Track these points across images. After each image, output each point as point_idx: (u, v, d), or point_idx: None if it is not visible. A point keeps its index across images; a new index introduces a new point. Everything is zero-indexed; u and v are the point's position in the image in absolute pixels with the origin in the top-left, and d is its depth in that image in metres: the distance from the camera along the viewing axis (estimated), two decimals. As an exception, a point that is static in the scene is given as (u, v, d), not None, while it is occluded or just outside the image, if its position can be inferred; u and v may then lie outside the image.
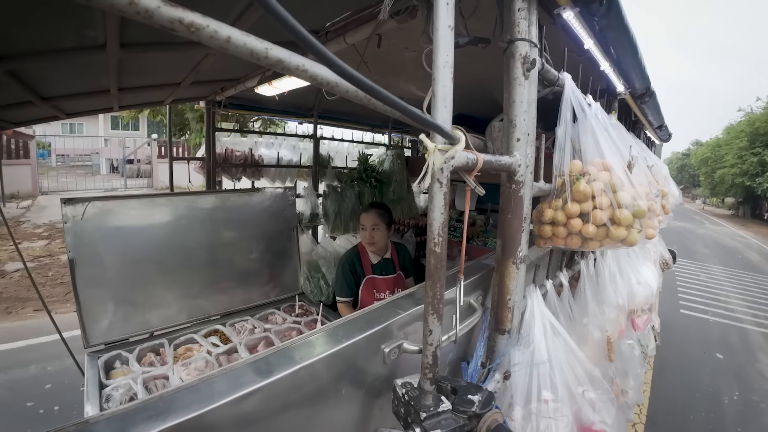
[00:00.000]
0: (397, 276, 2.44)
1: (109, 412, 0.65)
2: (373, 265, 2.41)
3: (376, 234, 2.36)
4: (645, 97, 2.11)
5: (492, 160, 0.94)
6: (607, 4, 1.14)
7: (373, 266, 2.41)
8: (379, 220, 2.36)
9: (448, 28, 0.71)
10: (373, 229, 2.36)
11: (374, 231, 2.36)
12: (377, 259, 2.43)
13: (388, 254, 2.45)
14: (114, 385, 1.61)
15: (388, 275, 2.41)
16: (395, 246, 2.52)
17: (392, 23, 1.35)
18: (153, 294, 2.10)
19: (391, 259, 2.46)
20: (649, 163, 1.72)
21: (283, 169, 3.89)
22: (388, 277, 2.41)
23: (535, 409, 1.08)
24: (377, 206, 2.44)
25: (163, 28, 0.36)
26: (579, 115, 1.22)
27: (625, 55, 1.56)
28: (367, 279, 2.38)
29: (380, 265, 2.42)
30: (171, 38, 1.65)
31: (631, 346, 2.08)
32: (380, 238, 2.38)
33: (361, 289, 2.37)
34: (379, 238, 2.37)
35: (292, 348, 0.86)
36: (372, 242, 2.38)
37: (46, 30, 1.39)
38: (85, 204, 1.86)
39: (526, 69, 1.02)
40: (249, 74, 2.53)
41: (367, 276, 2.38)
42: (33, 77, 1.81)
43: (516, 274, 1.11)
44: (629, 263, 1.93)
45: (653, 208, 1.28)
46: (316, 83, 0.48)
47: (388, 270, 2.43)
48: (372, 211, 2.38)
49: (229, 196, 2.44)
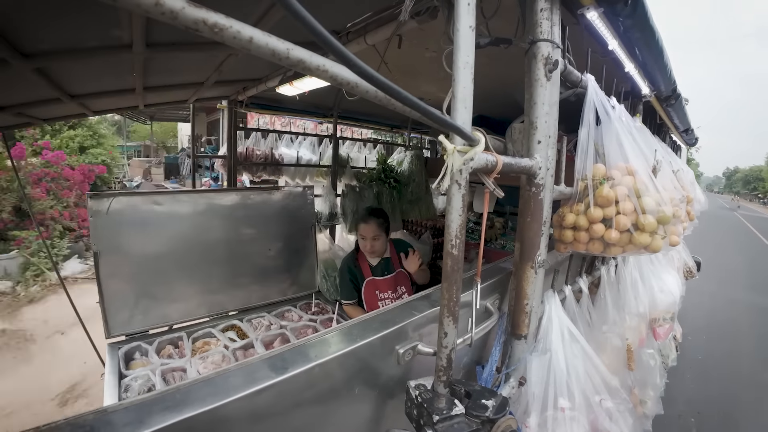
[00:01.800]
0: (398, 274, 2.43)
1: (128, 401, 0.67)
2: (372, 267, 2.41)
3: (377, 243, 2.35)
4: (671, 100, 2.05)
5: (512, 162, 0.93)
6: (632, 4, 1.11)
7: (372, 268, 2.41)
8: (380, 230, 2.34)
9: (469, 29, 0.70)
10: (374, 239, 2.35)
11: (375, 241, 2.35)
12: (376, 261, 2.43)
13: (387, 254, 2.44)
14: (133, 375, 1.65)
15: (389, 275, 2.40)
16: (393, 243, 2.51)
17: (413, 24, 1.34)
18: (173, 288, 2.14)
19: (390, 258, 2.45)
20: (675, 167, 1.67)
21: (303, 168, 3.93)
22: (389, 276, 2.40)
23: (551, 416, 1.06)
24: (376, 215, 2.39)
25: (188, 28, 0.36)
26: (602, 117, 1.20)
27: (650, 56, 1.53)
28: (367, 281, 2.38)
29: (380, 266, 2.42)
30: (195, 38, 1.68)
31: (652, 356, 2.02)
32: (380, 245, 2.37)
33: (363, 292, 2.38)
34: (379, 246, 2.36)
35: (308, 345, 0.87)
36: (373, 251, 2.38)
37: (73, 30, 1.44)
38: (110, 199, 1.91)
39: (549, 70, 1.00)
40: (270, 74, 2.56)
41: (366, 279, 2.38)
42: (61, 75, 1.87)
43: (534, 278, 1.09)
44: (652, 270, 1.87)
45: (678, 215, 1.24)
46: (336, 83, 0.49)
47: (389, 269, 2.42)
48: (372, 221, 2.35)
49: (249, 194, 2.48)
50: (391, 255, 2.47)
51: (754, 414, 3.44)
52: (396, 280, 2.42)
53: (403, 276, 2.45)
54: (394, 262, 2.46)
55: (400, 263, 2.46)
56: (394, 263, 2.46)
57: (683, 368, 3.76)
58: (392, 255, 2.47)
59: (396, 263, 2.46)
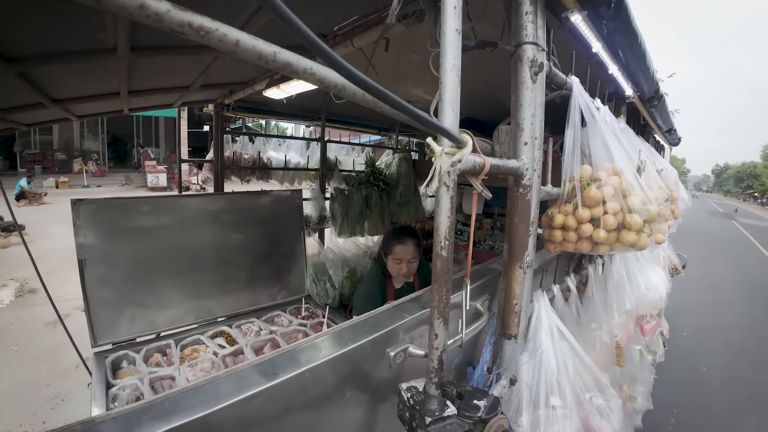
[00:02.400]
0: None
1: (116, 411, 0.66)
2: (397, 290, 2.25)
3: (413, 266, 2.15)
4: (654, 101, 2.09)
5: (499, 164, 0.93)
6: (615, 7, 1.13)
7: (396, 291, 2.24)
8: (417, 251, 2.13)
9: (456, 32, 0.71)
10: (410, 262, 2.13)
11: (411, 264, 2.13)
12: (400, 285, 2.26)
13: (411, 278, 2.27)
14: (121, 384, 1.62)
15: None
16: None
17: (400, 27, 1.35)
18: (160, 295, 2.11)
19: (413, 282, 2.29)
20: (659, 167, 1.70)
21: (291, 171, 3.91)
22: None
23: (543, 415, 1.06)
24: (412, 234, 2.16)
25: (173, 31, 0.36)
26: (588, 119, 1.21)
27: (633, 58, 1.55)
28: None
29: (402, 290, 2.23)
30: (180, 42, 1.66)
31: (640, 352, 2.05)
32: (415, 268, 2.18)
33: None
34: (413, 269, 2.17)
35: (298, 350, 0.86)
36: (408, 274, 2.17)
37: (57, 33, 1.41)
38: (95, 205, 1.88)
39: (534, 72, 1.01)
40: (257, 78, 2.55)
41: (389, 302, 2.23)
42: (44, 80, 1.83)
43: (523, 278, 1.10)
44: (638, 268, 1.90)
45: (663, 213, 1.27)
46: (324, 86, 0.48)
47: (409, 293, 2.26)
48: (410, 243, 2.11)
49: (237, 198, 2.45)
50: (414, 279, 2.28)
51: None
52: None
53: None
54: (416, 285, 2.28)
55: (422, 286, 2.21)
56: (416, 286, 2.27)
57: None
58: (414, 279, 2.28)
59: (416, 286, 2.27)
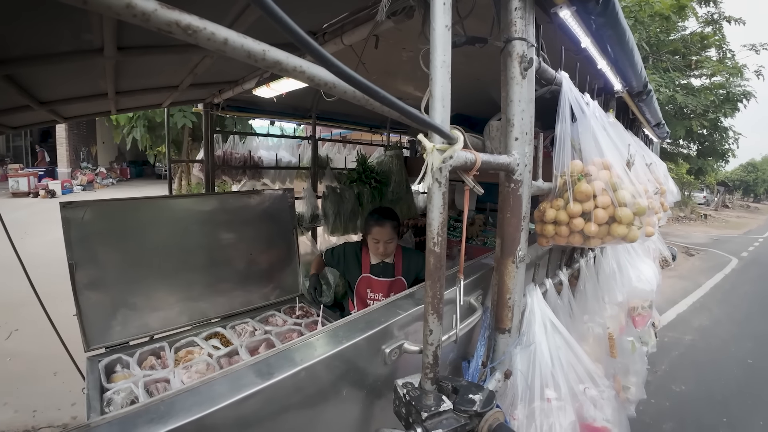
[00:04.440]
0: (396, 281, 2.36)
1: (111, 415, 0.65)
2: (372, 265, 2.36)
3: (390, 246, 2.27)
4: (642, 95, 2.11)
5: (490, 160, 0.94)
6: (603, 3, 1.14)
7: (372, 266, 2.36)
8: (394, 233, 2.25)
9: (445, 28, 0.71)
10: (387, 243, 2.26)
11: (388, 244, 2.26)
12: (377, 261, 2.37)
13: (390, 259, 2.37)
14: (115, 388, 1.61)
15: (385, 278, 2.35)
16: (403, 251, 2.43)
17: (389, 24, 1.35)
18: (153, 297, 2.09)
19: (393, 264, 2.37)
20: (648, 161, 1.72)
21: (283, 170, 3.89)
22: (385, 279, 2.34)
23: (539, 407, 1.08)
24: (391, 217, 2.29)
25: (161, 30, 0.36)
26: (578, 114, 1.22)
27: (621, 53, 1.57)
28: (363, 276, 2.35)
29: (379, 266, 2.36)
30: (168, 41, 1.65)
31: (632, 343, 2.08)
32: (392, 249, 2.30)
33: (357, 285, 2.36)
34: (391, 249, 2.29)
35: (293, 350, 0.86)
36: (385, 254, 2.30)
37: (42, 34, 1.39)
38: (84, 208, 1.86)
39: (524, 68, 1.02)
40: (247, 76, 2.53)
41: (363, 274, 2.35)
42: (30, 82, 1.81)
43: (516, 272, 1.11)
44: (629, 261, 1.93)
45: (653, 206, 1.29)
46: (314, 84, 0.48)
47: (387, 273, 2.36)
48: (387, 224, 2.24)
49: (228, 198, 2.44)
50: (395, 260, 2.38)
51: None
52: (391, 286, 2.35)
53: (401, 285, 2.36)
54: (397, 268, 2.37)
55: (404, 272, 2.38)
56: (396, 269, 2.37)
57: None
58: (396, 261, 2.38)
59: (398, 270, 2.37)
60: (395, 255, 2.39)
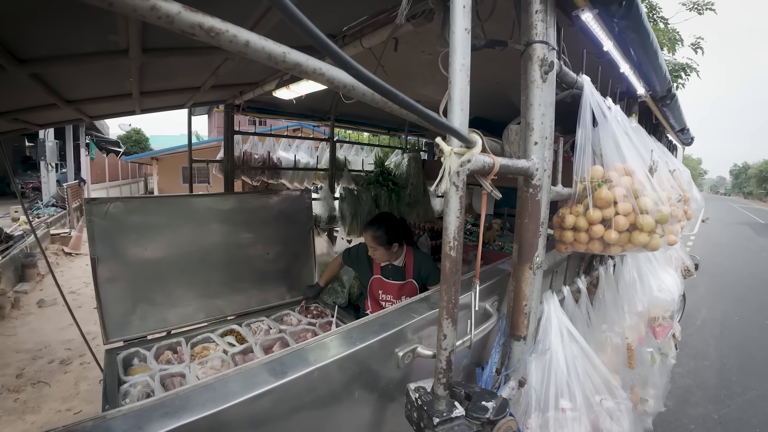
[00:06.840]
0: (407, 283, 2.38)
1: (126, 408, 0.67)
2: (382, 267, 2.40)
3: (376, 253, 2.31)
4: (666, 100, 2.06)
5: (509, 164, 0.93)
6: (626, 5, 1.12)
7: (382, 268, 2.40)
8: (375, 243, 2.27)
9: (465, 31, 0.70)
10: (373, 249, 2.31)
11: (375, 251, 2.31)
12: (384, 263, 2.40)
13: (399, 262, 2.38)
14: (132, 381, 1.64)
15: (396, 281, 2.37)
16: (414, 254, 2.43)
17: (409, 27, 1.35)
18: (171, 293, 2.14)
19: (404, 267, 2.39)
20: (671, 167, 1.68)
21: (301, 171, 3.93)
22: (395, 282, 2.37)
23: (553, 417, 1.06)
24: (373, 225, 2.31)
25: (184, 33, 0.36)
26: (599, 118, 1.20)
27: (645, 57, 1.53)
28: (374, 278, 2.40)
29: (389, 269, 2.39)
30: (191, 43, 1.68)
31: (651, 355, 2.02)
32: (380, 255, 2.32)
33: (370, 286, 2.42)
34: (378, 255, 2.32)
35: (307, 349, 0.87)
36: (379, 259, 2.36)
37: (69, 35, 1.44)
38: (107, 204, 1.91)
39: (544, 72, 1.01)
40: (267, 78, 2.56)
41: (374, 275, 2.40)
42: (57, 81, 1.87)
43: (533, 279, 1.09)
44: (650, 270, 1.88)
45: (675, 214, 1.25)
46: (333, 86, 0.49)
47: (397, 276, 2.38)
48: (368, 232, 2.29)
49: (247, 198, 2.48)
50: (406, 263, 2.39)
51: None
52: (402, 288, 2.37)
53: (412, 287, 2.38)
54: (408, 271, 2.38)
55: (416, 275, 2.38)
56: (407, 272, 2.38)
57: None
58: (408, 263, 2.39)
59: (409, 272, 2.38)
60: (407, 257, 2.41)
